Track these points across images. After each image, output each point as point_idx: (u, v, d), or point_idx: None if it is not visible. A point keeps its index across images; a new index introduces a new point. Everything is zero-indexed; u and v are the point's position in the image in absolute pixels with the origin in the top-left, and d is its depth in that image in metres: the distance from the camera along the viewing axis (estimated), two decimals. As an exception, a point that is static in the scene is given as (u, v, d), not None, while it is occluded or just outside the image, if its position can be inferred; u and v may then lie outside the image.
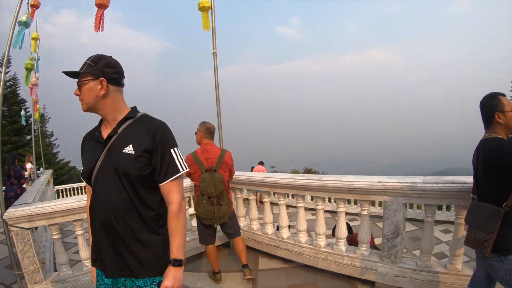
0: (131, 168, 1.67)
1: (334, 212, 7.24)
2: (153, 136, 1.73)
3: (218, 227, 4.08)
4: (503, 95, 2.39)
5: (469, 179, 2.99)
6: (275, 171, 24.71)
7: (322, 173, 26.76)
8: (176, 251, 1.72)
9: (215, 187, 3.73)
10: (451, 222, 10.18)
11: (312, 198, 13.14)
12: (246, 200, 5.65)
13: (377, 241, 7.55)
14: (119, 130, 1.74)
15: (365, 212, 3.89)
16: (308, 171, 28.74)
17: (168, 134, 1.80)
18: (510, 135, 2.41)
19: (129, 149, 1.70)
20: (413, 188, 3.35)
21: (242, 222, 5.49)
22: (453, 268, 3.30)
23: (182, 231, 1.76)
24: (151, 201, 1.77)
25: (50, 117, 38.58)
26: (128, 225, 1.69)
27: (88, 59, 1.71)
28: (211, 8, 5.49)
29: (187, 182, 4.86)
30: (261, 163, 14.26)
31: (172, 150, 1.77)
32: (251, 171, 14.34)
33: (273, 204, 5.34)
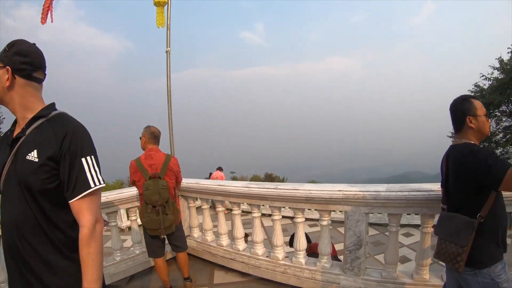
0: (33, 179, 1.35)
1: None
2: (61, 140, 1.35)
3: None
4: (475, 98, 2.17)
5: (436, 187, 2.90)
6: (235, 177, 24.27)
7: (283, 179, 26.64)
8: (89, 285, 1.37)
9: (159, 195, 3.47)
10: (413, 226, 10.19)
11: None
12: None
13: (339, 246, 7.32)
14: (27, 132, 1.41)
15: (324, 223, 3.60)
16: (268, 176, 28.59)
17: (81, 139, 1.42)
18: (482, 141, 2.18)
19: (33, 155, 1.34)
20: (376, 197, 3.13)
21: (196, 233, 5.15)
22: (420, 278, 3.14)
23: (95, 261, 1.40)
24: (61, 221, 1.44)
25: (4, 118, 36.22)
26: (34, 248, 1.39)
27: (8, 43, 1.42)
28: (167, 3, 5.07)
29: (134, 190, 4.44)
30: (219, 169, 13.88)
31: (83, 159, 1.39)
32: (209, 177, 14.05)
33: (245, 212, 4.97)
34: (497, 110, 18.41)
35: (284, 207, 3.66)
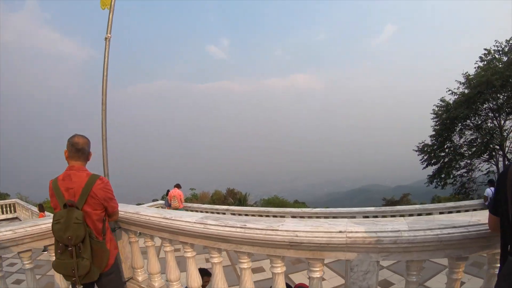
0: None
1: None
2: None
3: None
4: None
5: (474, 218, 2.17)
6: (195, 194, 22.85)
7: (245, 194, 25.63)
8: None
9: (73, 231, 2.56)
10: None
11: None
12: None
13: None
14: None
15: (316, 275, 2.46)
16: (230, 192, 27.67)
17: None
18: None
19: None
20: (397, 240, 2.13)
21: (140, 276, 3.98)
22: None
23: None
24: None
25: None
26: None
27: None
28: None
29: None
30: (177, 186, 12.76)
31: None
32: (167, 195, 13.00)
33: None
34: (460, 124, 18.69)
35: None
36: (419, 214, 9.72)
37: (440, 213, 9.65)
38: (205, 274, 3.80)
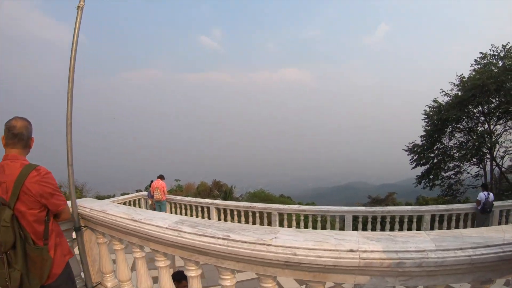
0: None
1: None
2: None
3: None
4: None
5: (508, 235, 1.79)
6: (179, 185, 22.27)
7: (231, 187, 25.26)
8: None
9: (1, 236, 2.09)
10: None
11: (219, 219, 11.32)
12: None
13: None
14: None
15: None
16: (216, 184, 27.30)
17: None
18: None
19: None
20: (422, 263, 1.69)
21: (109, 281, 3.44)
22: None
23: None
24: None
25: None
26: None
27: None
28: None
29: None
30: (160, 177, 12.19)
31: None
32: (150, 185, 12.41)
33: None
34: (450, 126, 18.59)
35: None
36: (411, 216, 9.44)
37: (432, 216, 9.36)
38: (183, 278, 3.32)
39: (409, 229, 9.56)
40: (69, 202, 3.05)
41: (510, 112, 16.41)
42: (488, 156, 17.86)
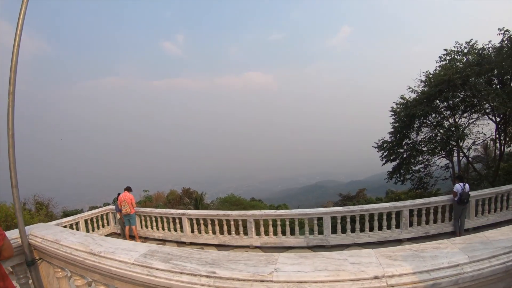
0: None
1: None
2: None
3: None
4: None
5: None
6: (149, 196, 21.45)
7: (202, 193, 24.76)
8: None
9: None
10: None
11: (192, 230, 10.87)
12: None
13: None
14: None
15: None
16: (186, 191, 26.76)
17: None
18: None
19: None
20: (458, 279, 1.39)
21: None
22: None
23: None
24: None
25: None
26: None
27: None
28: None
29: None
30: (128, 189, 11.45)
31: None
32: (117, 199, 11.65)
33: None
34: (417, 122, 18.96)
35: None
36: (389, 213, 9.30)
37: (411, 210, 9.27)
38: None
39: (389, 225, 9.47)
40: (16, 232, 2.53)
41: (474, 105, 16.89)
42: (455, 148, 18.39)
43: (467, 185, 9.12)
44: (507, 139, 16.98)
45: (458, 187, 9.03)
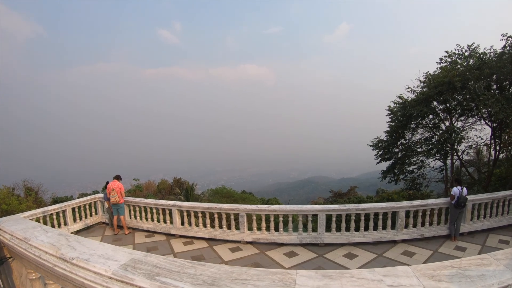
0: None
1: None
2: None
3: None
4: None
5: None
6: (139, 184, 21.12)
7: (192, 184, 24.68)
8: None
9: None
10: (353, 244, 8.47)
11: (182, 222, 10.57)
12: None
13: None
14: None
15: None
16: (177, 181, 26.66)
17: None
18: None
19: None
20: None
21: None
22: None
23: None
24: None
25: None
26: None
27: None
28: None
29: None
30: (117, 177, 11.08)
31: None
32: (105, 188, 11.32)
33: None
34: (413, 122, 18.79)
35: None
36: (385, 213, 9.10)
37: (407, 212, 9.08)
38: None
39: (384, 226, 9.30)
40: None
41: (471, 109, 16.75)
42: (450, 151, 18.31)
43: (465, 188, 8.93)
44: (501, 145, 16.90)
45: (456, 190, 8.84)
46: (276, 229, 9.56)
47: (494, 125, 16.72)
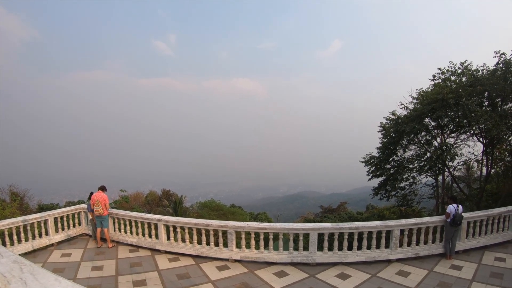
0: None
1: None
2: None
3: None
4: None
5: None
6: (125, 196, 20.64)
7: (181, 196, 24.51)
8: None
9: None
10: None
11: (168, 237, 10.12)
12: None
13: None
14: None
15: None
16: (166, 193, 26.19)
17: None
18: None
19: None
20: None
21: None
22: None
23: None
24: None
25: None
26: None
27: None
28: None
29: None
30: (102, 188, 10.67)
31: None
32: (89, 199, 10.87)
33: None
34: (405, 138, 18.76)
35: None
36: (379, 232, 8.80)
37: (401, 230, 8.83)
38: None
39: (378, 245, 8.97)
40: None
41: (463, 126, 16.78)
42: (441, 168, 18.28)
43: (460, 206, 8.73)
44: (492, 161, 16.91)
45: (451, 208, 8.63)
46: (266, 245, 9.17)
47: (486, 141, 16.75)
